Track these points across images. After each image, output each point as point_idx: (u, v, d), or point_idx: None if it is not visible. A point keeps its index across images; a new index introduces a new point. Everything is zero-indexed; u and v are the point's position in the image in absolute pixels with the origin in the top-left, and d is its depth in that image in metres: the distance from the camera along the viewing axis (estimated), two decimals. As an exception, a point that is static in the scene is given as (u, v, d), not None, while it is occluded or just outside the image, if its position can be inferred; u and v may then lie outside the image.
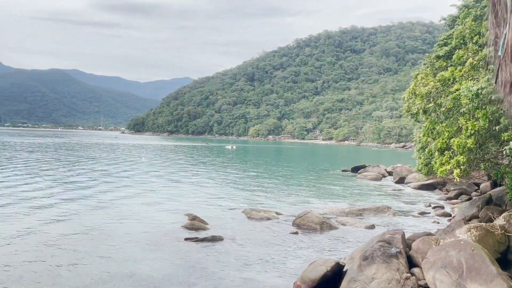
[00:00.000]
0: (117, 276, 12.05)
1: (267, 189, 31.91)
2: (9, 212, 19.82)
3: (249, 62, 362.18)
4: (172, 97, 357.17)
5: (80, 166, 45.47)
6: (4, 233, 15.97)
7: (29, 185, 28.90)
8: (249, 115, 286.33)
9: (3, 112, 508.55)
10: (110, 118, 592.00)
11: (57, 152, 69.44)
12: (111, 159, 59.35)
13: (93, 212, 20.60)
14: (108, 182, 32.65)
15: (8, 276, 11.70)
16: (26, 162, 47.94)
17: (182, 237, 16.38)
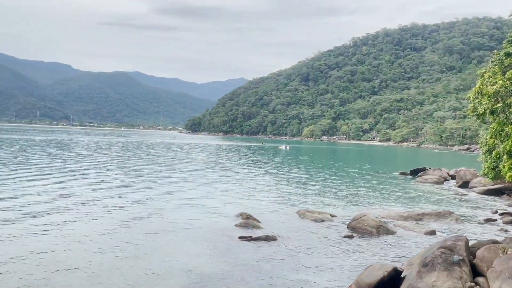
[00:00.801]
0: (174, 271, 12.49)
1: (321, 190, 31.54)
2: (77, 205, 21.22)
3: (304, 62, 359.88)
4: (227, 98, 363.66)
5: (142, 165, 47.60)
6: (68, 225, 17.12)
7: (94, 182, 30.75)
8: (303, 116, 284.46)
9: (72, 112, 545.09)
10: (168, 118, 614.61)
11: (122, 151, 73.23)
12: (170, 158, 61.58)
13: (151, 209, 21.47)
14: (166, 180, 33.90)
15: (71, 266, 12.53)
16: (94, 159, 51.05)
17: (236, 236, 16.64)
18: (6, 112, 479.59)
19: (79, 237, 15.52)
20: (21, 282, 11.13)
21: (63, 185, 27.84)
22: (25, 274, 11.72)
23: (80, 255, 13.51)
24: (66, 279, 11.50)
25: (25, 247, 14.03)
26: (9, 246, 14.07)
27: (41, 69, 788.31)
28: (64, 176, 33.16)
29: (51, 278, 11.48)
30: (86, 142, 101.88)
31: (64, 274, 11.86)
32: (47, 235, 15.64)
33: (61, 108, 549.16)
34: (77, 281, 11.37)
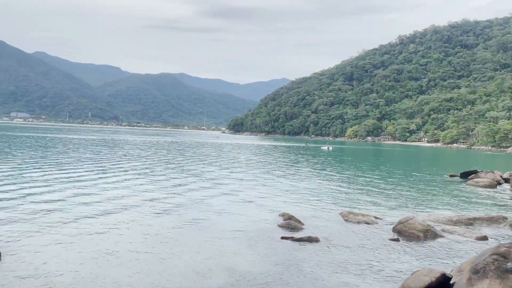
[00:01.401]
0: (216, 269, 12.67)
1: (365, 192, 30.87)
2: (121, 203, 22.06)
3: (348, 61, 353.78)
4: (269, 98, 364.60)
5: (187, 165, 48.72)
6: (113, 222, 17.83)
7: (140, 180, 31.84)
8: (347, 116, 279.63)
9: (121, 113, 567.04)
10: (212, 118, 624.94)
11: (169, 151, 75.35)
12: (214, 157, 62.59)
13: (194, 207, 21.91)
14: (210, 179, 34.49)
15: (119, 262, 13.03)
16: (142, 159, 52.88)
17: (278, 236, 16.63)
18: (60, 113, 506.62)
19: (125, 234, 16.12)
20: (71, 277, 11.71)
21: (113, 184, 29.04)
22: (75, 269, 12.32)
23: (127, 252, 14.02)
24: (113, 275, 11.98)
25: (76, 244, 14.76)
26: (63, 243, 14.86)
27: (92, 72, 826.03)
28: (114, 174, 34.59)
29: (100, 274, 12.00)
30: (135, 141, 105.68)
31: (112, 270, 12.36)
32: (96, 232, 16.37)
33: (111, 109, 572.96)
34: (124, 278, 11.81)
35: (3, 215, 17.74)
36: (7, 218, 17.36)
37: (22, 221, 16.95)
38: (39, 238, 14.76)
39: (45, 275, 11.48)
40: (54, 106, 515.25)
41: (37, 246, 13.92)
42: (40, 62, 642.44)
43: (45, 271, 11.78)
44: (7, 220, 17.01)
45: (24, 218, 17.44)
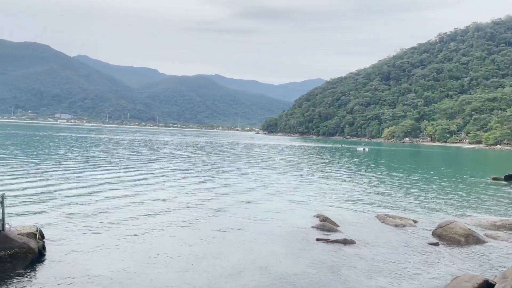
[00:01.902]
0: (251, 269, 12.80)
1: (402, 195, 30.14)
2: (161, 204, 22.66)
3: (385, 61, 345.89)
4: (304, 99, 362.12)
5: (223, 165, 49.29)
6: (154, 223, 18.33)
7: (178, 182, 32.54)
8: (383, 116, 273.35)
9: (158, 113, 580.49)
10: (246, 119, 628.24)
11: (204, 151, 76.51)
12: (248, 158, 62.99)
13: (230, 208, 22.17)
14: (243, 180, 34.78)
15: (153, 263, 13.41)
16: (180, 159, 53.99)
17: (313, 237, 16.57)
18: (101, 114, 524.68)
19: (166, 235, 16.55)
20: (113, 276, 12.16)
21: (153, 185, 29.87)
22: (117, 268, 12.79)
23: (168, 252, 14.39)
24: (153, 274, 12.35)
25: (119, 244, 15.31)
26: (106, 243, 15.46)
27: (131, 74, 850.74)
28: (153, 175, 35.55)
29: (141, 274, 12.40)
30: (172, 142, 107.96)
31: (153, 270, 12.74)
32: (138, 232, 16.91)
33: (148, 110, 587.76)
34: (165, 277, 12.14)
35: (51, 215, 18.65)
36: (54, 217, 18.23)
37: (68, 221, 17.75)
38: (84, 237, 15.42)
39: (88, 272, 11.99)
40: (95, 108, 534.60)
41: (81, 244, 14.56)
42: (82, 65, 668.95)
43: (88, 269, 12.30)
44: (54, 219, 17.86)
45: (70, 218, 18.26)
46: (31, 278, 11.46)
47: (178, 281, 11.57)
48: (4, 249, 12.53)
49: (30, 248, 12.89)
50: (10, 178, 28.65)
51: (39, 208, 19.46)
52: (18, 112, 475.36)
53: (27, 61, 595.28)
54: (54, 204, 20.61)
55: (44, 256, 13.05)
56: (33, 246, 13.03)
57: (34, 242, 13.25)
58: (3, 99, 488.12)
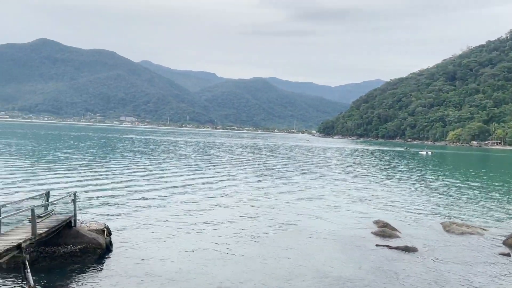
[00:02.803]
0: (308, 272, 12.68)
1: (469, 201, 28.38)
2: (217, 204, 23.14)
3: (450, 60, 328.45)
4: (362, 100, 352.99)
5: (280, 168, 49.41)
6: (209, 222, 18.74)
7: (235, 182, 33.07)
8: (448, 118, 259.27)
9: (216, 116, 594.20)
10: (302, 121, 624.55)
11: (261, 154, 77.15)
12: (305, 160, 62.59)
13: (287, 210, 22.17)
14: (301, 182, 34.59)
15: (207, 261, 13.69)
16: (238, 161, 54.90)
17: (372, 243, 16.10)
18: (162, 116, 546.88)
19: (220, 234, 16.89)
20: (170, 271, 12.61)
21: (210, 184, 30.65)
22: (174, 264, 13.25)
23: (222, 251, 14.69)
24: (207, 272, 12.64)
25: (176, 240, 15.86)
26: (165, 239, 16.08)
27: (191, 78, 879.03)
28: (211, 176, 36.46)
29: (195, 271, 12.76)
30: (229, 144, 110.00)
31: (206, 267, 13.05)
32: (194, 230, 17.42)
33: (207, 113, 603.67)
34: (218, 276, 12.39)
35: (117, 213, 19.75)
36: (120, 215, 19.29)
37: (133, 219, 18.70)
38: (147, 235, 16.15)
39: (150, 268, 12.55)
40: (157, 111, 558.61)
41: (145, 241, 15.26)
42: (145, 70, 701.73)
43: (150, 265, 12.86)
44: (120, 217, 18.90)
45: (135, 216, 19.23)
46: (99, 271, 12.20)
47: (234, 282, 11.74)
48: (76, 243, 13.45)
49: (99, 244, 13.72)
50: (81, 177, 30.73)
51: (107, 206, 20.68)
52: (87, 115, 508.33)
53: (96, 67, 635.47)
54: (120, 202, 21.80)
55: (111, 252, 13.83)
56: (101, 241, 13.86)
57: (102, 238, 14.09)
58: (74, 103, 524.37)
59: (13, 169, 33.84)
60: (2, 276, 11.24)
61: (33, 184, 26.39)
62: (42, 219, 13.01)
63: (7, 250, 10.19)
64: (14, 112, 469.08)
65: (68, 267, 12.37)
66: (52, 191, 17.92)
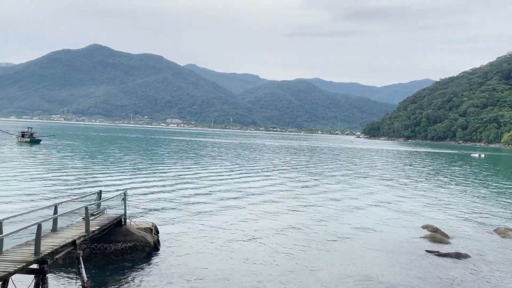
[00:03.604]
0: (357, 278, 12.40)
1: (528, 207, 26.65)
2: (264, 209, 23.18)
3: (505, 58, 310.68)
4: (409, 101, 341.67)
5: (325, 170, 48.86)
6: (258, 227, 18.80)
7: (282, 186, 33.03)
8: (503, 119, 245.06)
9: (259, 118, 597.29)
10: (346, 122, 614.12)
11: (305, 155, 76.66)
12: (350, 162, 61.47)
13: (334, 216, 21.82)
14: (346, 186, 33.99)
15: (255, 265, 13.71)
16: (283, 163, 54.89)
17: (422, 249, 15.52)
18: (206, 118, 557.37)
19: (268, 239, 16.91)
20: (216, 273, 12.78)
21: (258, 189, 30.81)
22: (220, 267, 13.42)
23: (270, 256, 14.68)
24: (254, 277, 12.69)
25: (224, 244, 16.06)
26: (212, 241, 16.32)
27: (234, 80, 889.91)
28: (257, 179, 36.66)
29: (242, 271, 12.84)
30: (273, 146, 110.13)
31: (253, 272, 13.11)
32: (243, 234, 17.56)
33: (250, 115, 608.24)
34: (265, 278, 12.41)
35: (164, 212, 20.33)
36: (167, 214, 19.84)
37: (179, 218, 19.17)
38: (193, 234, 16.49)
39: (195, 267, 12.79)
40: (201, 113, 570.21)
41: (191, 241, 15.59)
42: (190, 73, 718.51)
43: (195, 264, 13.12)
44: (168, 216, 19.44)
45: (181, 216, 19.71)
46: (148, 269, 12.59)
47: (280, 284, 11.71)
48: (125, 241, 13.96)
49: (147, 242, 14.17)
50: (130, 177, 31.91)
51: (155, 206, 21.32)
52: (136, 117, 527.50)
53: (144, 71, 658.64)
54: (167, 202, 22.42)
55: (159, 250, 14.24)
56: (149, 240, 14.31)
57: (150, 236, 14.54)
58: (124, 106, 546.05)
59: (68, 169, 35.73)
60: (59, 271, 11.88)
61: (86, 183, 27.72)
62: (95, 217, 13.61)
63: (63, 246, 10.75)
64: (69, 114, 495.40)
65: (119, 263, 12.86)
66: (104, 190, 18.71)
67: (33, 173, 31.65)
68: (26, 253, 9.69)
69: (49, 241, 10.68)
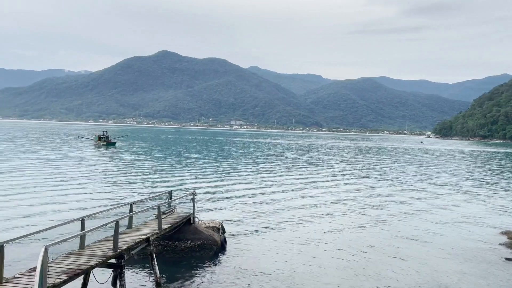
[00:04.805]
0: (427, 285, 11.84)
1: None
2: (330, 210, 22.87)
3: None
4: (485, 98, 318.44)
5: (392, 172, 47.16)
6: (323, 228, 18.58)
7: (347, 187, 32.41)
8: None
9: (322, 118, 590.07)
10: (415, 122, 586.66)
11: (370, 156, 74.52)
12: (419, 164, 58.73)
13: (405, 219, 20.93)
14: (417, 189, 32.51)
15: (321, 267, 13.54)
16: (348, 165, 53.87)
17: (500, 256, 14.44)
18: (269, 120, 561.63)
19: (334, 240, 16.68)
20: (283, 272, 12.82)
21: (325, 189, 30.53)
22: (286, 264, 13.45)
23: (335, 258, 14.47)
24: (318, 275, 12.57)
25: (287, 245, 16.09)
26: (276, 242, 16.42)
27: (296, 81, 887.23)
28: (327, 179, 36.32)
29: (306, 272, 12.78)
30: (337, 147, 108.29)
31: (318, 271, 12.99)
32: (306, 236, 17.49)
33: (312, 115, 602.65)
34: (330, 280, 12.25)
35: (231, 212, 20.81)
36: (233, 214, 20.30)
37: (245, 218, 19.54)
38: (258, 234, 16.73)
39: (260, 267, 12.95)
40: (264, 114, 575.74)
41: (256, 240, 15.82)
42: (253, 75, 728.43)
43: (260, 264, 13.28)
44: (233, 216, 19.88)
45: (247, 216, 20.06)
46: (215, 267, 12.98)
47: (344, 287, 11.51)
48: (195, 239, 14.49)
49: (215, 241, 14.60)
50: (197, 177, 33.07)
51: (221, 205, 21.92)
52: (201, 119, 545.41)
53: (209, 74, 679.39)
54: (233, 202, 22.94)
55: (225, 249, 14.61)
56: (217, 239, 14.73)
57: (217, 235, 14.97)
58: (190, 109, 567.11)
59: (141, 169, 37.84)
60: (134, 266, 12.64)
61: (157, 183, 29.18)
62: (166, 215, 14.28)
63: (138, 243, 11.42)
64: (140, 118, 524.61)
65: (188, 261, 13.39)
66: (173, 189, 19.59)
67: (110, 174, 33.94)
68: (105, 248, 10.43)
69: (125, 238, 11.39)
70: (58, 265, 9.05)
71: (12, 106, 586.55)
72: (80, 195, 23.46)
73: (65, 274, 8.58)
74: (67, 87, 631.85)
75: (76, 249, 10.22)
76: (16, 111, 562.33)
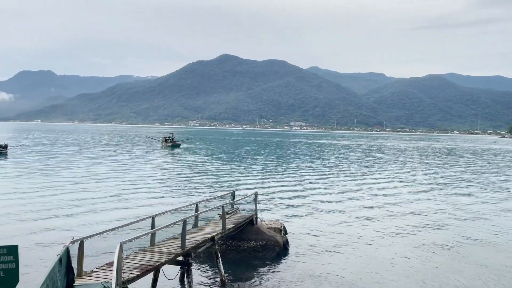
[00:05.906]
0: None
1: None
2: (394, 212, 22.06)
3: None
4: None
5: (460, 174, 44.64)
6: (387, 230, 17.94)
7: (411, 188, 31.11)
8: None
9: (385, 118, 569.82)
10: (488, 121, 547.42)
11: (435, 158, 70.94)
12: (493, 165, 54.89)
13: (471, 223, 19.81)
14: (483, 191, 30.46)
15: (386, 270, 13.06)
16: (411, 166, 51.74)
17: None
18: (329, 120, 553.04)
19: (398, 243, 16.10)
20: (347, 275, 12.57)
21: (380, 187, 29.62)
22: (351, 268, 13.18)
23: (400, 261, 13.96)
24: (383, 279, 12.16)
25: (351, 248, 15.77)
26: (338, 244, 16.15)
27: (358, 80, 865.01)
28: (381, 179, 35.22)
29: (370, 276, 12.42)
30: (406, 148, 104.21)
31: (382, 274, 12.58)
32: (370, 238, 17.02)
33: (375, 115, 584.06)
34: (395, 284, 11.82)
35: (293, 213, 20.81)
36: (295, 215, 20.27)
37: (307, 220, 19.44)
38: (321, 236, 16.56)
39: (323, 269, 12.81)
40: (324, 115, 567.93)
41: (319, 242, 15.67)
42: (313, 75, 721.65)
43: (324, 266, 13.13)
44: (296, 217, 19.85)
45: (309, 217, 19.96)
46: (278, 268, 13.03)
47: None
48: (257, 240, 14.67)
49: (277, 242, 14.67)
50: (259, 178, 33.43)
51: (282, 206, 21.97)
52: (261, 121, 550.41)
53: (269, 76, 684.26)
54: (295, 203, 22.92)
55: (288, 250, 14.62)
56: (279, 240, 14.79)
57: (279, 236, 15.02)
58: (250, 111, 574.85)
59: (205, 170, 39.00)
60: (200, 264, 13.05)
61: (220, 184, 29.92)
62: (230, 215, 14.61)
63: (204, 241, 11.80)
64: (203, 120, 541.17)
65: (251, 261, 13.57)
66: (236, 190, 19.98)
67: (176, 174, 35.37)
68: (173, 246, 10.90)
69: (192, 236, 11.83)
70: (132, 261, 9.61)
71: (86, 110, 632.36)
72: (149, 194, 24.72)
73: (138, 269, 9.08)
74: (135, 92, 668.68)
75: (147, 246, 10.78)
76: (90, 115, 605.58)
